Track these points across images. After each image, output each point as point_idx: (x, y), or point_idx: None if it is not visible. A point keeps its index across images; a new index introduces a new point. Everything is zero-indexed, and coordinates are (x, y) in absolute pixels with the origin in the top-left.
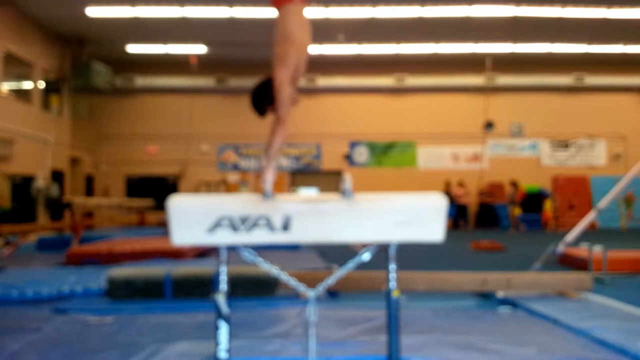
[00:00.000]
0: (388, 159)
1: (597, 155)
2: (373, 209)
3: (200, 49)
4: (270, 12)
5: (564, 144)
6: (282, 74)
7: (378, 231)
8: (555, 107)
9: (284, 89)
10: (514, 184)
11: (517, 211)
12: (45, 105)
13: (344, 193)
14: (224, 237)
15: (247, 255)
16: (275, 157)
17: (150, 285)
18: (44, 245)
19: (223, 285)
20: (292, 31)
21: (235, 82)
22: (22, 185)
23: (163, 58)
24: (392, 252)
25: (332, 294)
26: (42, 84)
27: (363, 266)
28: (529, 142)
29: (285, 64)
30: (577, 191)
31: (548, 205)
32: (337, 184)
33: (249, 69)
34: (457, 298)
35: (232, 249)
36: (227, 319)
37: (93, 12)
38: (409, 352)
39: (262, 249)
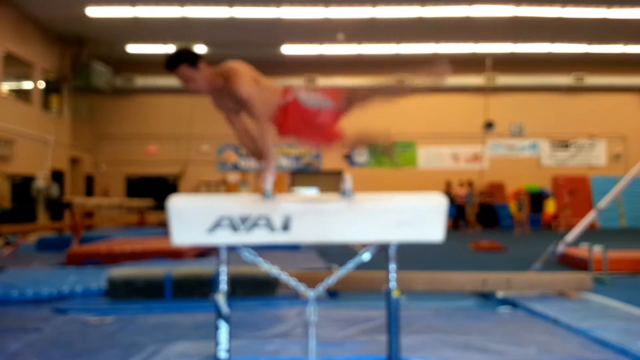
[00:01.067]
0: (388, 159)
1: (597, 155)
2: (373, 209)
3: (200, 49)
4: (269, 12)
5: (564, 144)
6: (248, 86)
7: (378, 231)
8: (555, 107)
9: (257, 101)
10: (470, 184)
11: (515, 210)
12: (45, 105)
13: (344, 193)
14: (224, 237)
15: (247, 255)
16: (271, 156)
17: (150, 285)
18: (44, 245)
19: (223, 285)
20: (257, 91)
21: None
22: (22, 185)
23: (163, 58)
24: (392, 252)
25: (332, 294)
26: (42, 84)
27: (363, 266)
28: (529, 142)
29: (248, 80)
30: (577, 191)
31: (550, 205)
32: (337, 184)
33: None
34: (457, 298)
35: (232, 249)
36: (227, 319)
37: (93, 12)
38: (409, 352)
39: (262, 249)
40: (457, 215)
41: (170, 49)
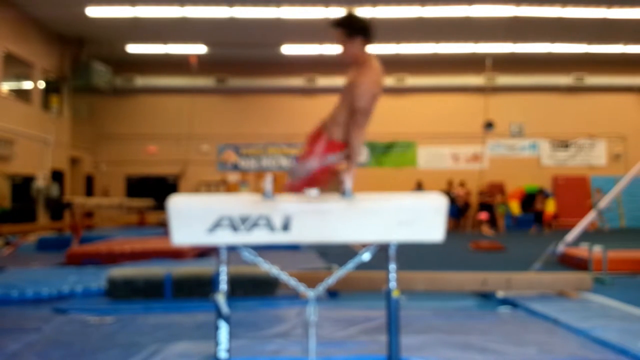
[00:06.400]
0: (388, 159)
1: (597, 155)
2: (373, 209)
3: (200, 49)
4: (269, 12)
5: (564, 144)
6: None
7: (378, 231)
8: (555, 107)
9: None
10: (462, 184)
11: (516, 210)
12: (45, 105)
13: (344, 193)
14: (224, 237)
15: (247, 255)
16: (356, 159)
17: (150, 285)
18: (44, 245)
19: (223, 285)
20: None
21: (235, 82)
22: (22, 185)
23: (163, 58)
24: (392, 252)
25: (332, 294)
26: (42, 84)
27: (363, 266)
28: (529, 142)
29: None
30: (577, 191)
31: (550, 205)
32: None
33: (249, 69)
34: (457, 298)
35: (232, 249)
36: (227, 319)
37: (93, 12)
38: (409, 352)
39: (262, 249)
40: (458, 215)
41: (170, 48)
